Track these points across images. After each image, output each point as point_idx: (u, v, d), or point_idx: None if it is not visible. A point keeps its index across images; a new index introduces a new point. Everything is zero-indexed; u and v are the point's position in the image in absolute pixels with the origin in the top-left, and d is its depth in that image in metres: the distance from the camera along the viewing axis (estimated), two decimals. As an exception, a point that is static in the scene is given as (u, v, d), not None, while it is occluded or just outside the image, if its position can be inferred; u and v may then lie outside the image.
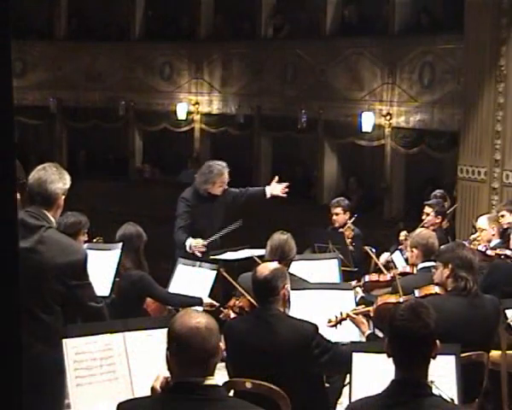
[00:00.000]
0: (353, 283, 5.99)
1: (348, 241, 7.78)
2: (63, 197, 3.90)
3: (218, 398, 2.67)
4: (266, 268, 4.26)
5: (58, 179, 3.87)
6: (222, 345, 2.77)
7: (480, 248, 6.45)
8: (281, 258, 4.85)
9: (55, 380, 3.72)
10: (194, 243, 6.98)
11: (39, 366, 3.63)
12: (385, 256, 7.49)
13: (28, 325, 3.56)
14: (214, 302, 5.85)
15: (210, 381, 2.66)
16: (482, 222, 7.02)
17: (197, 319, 2.68)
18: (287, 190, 7.39)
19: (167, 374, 2.78)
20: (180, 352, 2.67)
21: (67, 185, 3.94)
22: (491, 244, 6.75)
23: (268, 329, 4.14)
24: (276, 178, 7.31)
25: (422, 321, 2.94)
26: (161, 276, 6.27)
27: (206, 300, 5.92)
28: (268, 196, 7.32)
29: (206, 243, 7.02)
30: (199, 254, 6.93)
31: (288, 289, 4.27)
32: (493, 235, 6.90)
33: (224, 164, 7.35)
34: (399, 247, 7.70)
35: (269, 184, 7.51)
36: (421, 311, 2.97)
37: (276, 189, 7.27)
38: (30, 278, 3.54)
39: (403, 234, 7.65)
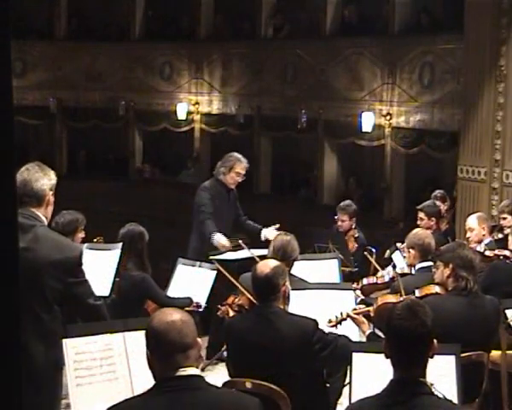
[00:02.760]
0: (353, 285, 5.99)
1: (352, 240, 7.77)
2: (51, 193, 3.85)
3: (197, 387, 2.74)
4: (266, 266, 4.26)
5: (42, 176, 3.81)
6: (200, 341, 2.85)
7: (478, 248, 6.43)
8: (282, 258, 4.85)
9: (52, 379, 3.72)
10: (222, 243, 7.00)
11: (38, 364, 3.62)
12: (386, 271, 7.43)
13: (28, 324, 3.57)
14: (201, 303, 5.98)
15: (189, 371, 2.74)
16: (472, 222, 6.94)
17: (172, 314, 2.80)
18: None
19: None
20: (159, 347, 2.76)
21: (53, 181, 3.86)
22: (483, 243, 6.72)
23: (269, 326, 4.14)
24: (277, 225, 7.30)
25: (419, 320, 2.94)
26: (161, 276, 6.28)
27: (195, 300, 6.01)
28: (262, 238, 7.33)
29: (229, 246, 7.01)
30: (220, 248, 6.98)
31: (288, 286, 4.27)
32: (484, 235, 6.86)
33: (245, 160, 7.47)
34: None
35: (266, 227, 7.46)
36: (417, 309, 2.98)
37: (270, 234, 7.23)
38: (27, 278, 3.51)
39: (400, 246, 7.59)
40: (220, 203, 7.32)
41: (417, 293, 4.80)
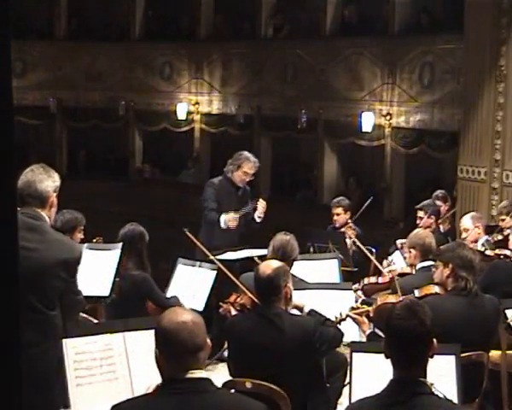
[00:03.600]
0: (355, 285, 5.99)
1: (352, 241, 7.78)
2: (55, 195, 3.89)
3: (206, 390, 2.72)
4: (269, 267, 4.25)
5: (47, 178, 3.85)
6: (209, 341, 2.81)
7: (479, 248, 6.44)
8: (282, 258, 4.84)
9: (62, 374, 3.74)
10: (228, 218, 7.17)
11: (47, 361, 3.65)
12: (387, 262, 7.43)
13: (36, 323, 3.63)
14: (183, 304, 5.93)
15: (198, 374, 2.72)
16: (466, 222, 7.00)
17: (183, 314, 2.77)
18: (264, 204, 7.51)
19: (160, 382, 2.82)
20: (169, 347, 2.73)
21: (57, 183, 3.91)
22: (479, 242, 6.74)
23: (271, 327, 4.14)
24: (260, 200, 7.49)
25: (418, 319, 2.94)
26: (160, 276, 6.27)
27: (182, 301, 6.00)
28: (257, 220, 7.48)
29: (237, 216, 7.20)
30: (232, 227, 7.18)
31: (290, 287, 4.27)
32: (479, 233, 6.89)
33: (254, 159, 7.53)
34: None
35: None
36: (417, 309, 2.98)
37: (258, 211, 7.44)
38: (34, 278, 3.60)
39: (399, 242, 7.62)
40: (227, 200, 7.35)
41: (417, 293, 4.79)
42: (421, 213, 7.75)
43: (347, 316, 4.67)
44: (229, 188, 7.43)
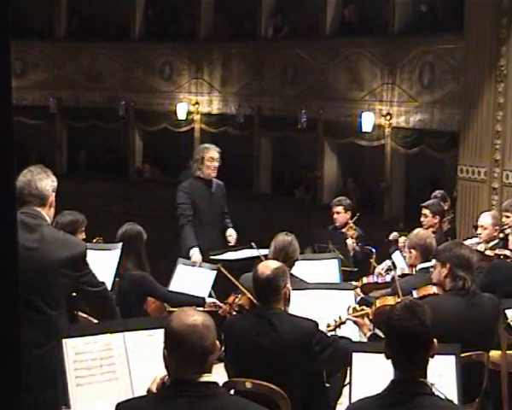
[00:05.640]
0: (354, 283, 5.99)
1: (353, 241, 7.78)
2: (54, 195, 3.93)
3: (211, 395, 2.69)
4: (267, 267, 4.24)
5: (46, 177, 3.91)
6: (218, 343, 2.79)
7: (478, 248, 6.41)
8: (284, 259, 4.84)
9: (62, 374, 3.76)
10: (195, 259, 6.94)
11: (51, 361, 3.66)
12: (384, 264, 7.43)
13: (40, 323, 3.66)
14: (217, 302, 5.82)
15: (206, 378, 2.69)
16: (486, 220, 6.86)
17: (194, 316, 2.72)
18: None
19: (164, 376, 2.80)
20: (177, 350, 2.70)
21: (55, 183, 3.96)
22: (491, 244, 6.69)
23: (270, 328, 4.13)
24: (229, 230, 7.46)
25: (418, 319, 2.94)
26: (159, 276, 6.27)
27: (209, 299, 5.91)
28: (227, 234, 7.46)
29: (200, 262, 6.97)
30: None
31: (289, 287, 4.26)
32: (494, 235, 6.82)
33: (212, 145, 7.49)
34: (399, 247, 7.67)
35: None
36: (416, 309, 2.98)
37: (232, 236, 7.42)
38: (37, 278, 3.63)
39: (392, 236, 7.61)
40: (201, 199, 7.33)
41: (415, 294, 4.78)
42: (426, 212, 7.72)
43: (347, 319, 4.66)
44: (201, 186, 7.40)
